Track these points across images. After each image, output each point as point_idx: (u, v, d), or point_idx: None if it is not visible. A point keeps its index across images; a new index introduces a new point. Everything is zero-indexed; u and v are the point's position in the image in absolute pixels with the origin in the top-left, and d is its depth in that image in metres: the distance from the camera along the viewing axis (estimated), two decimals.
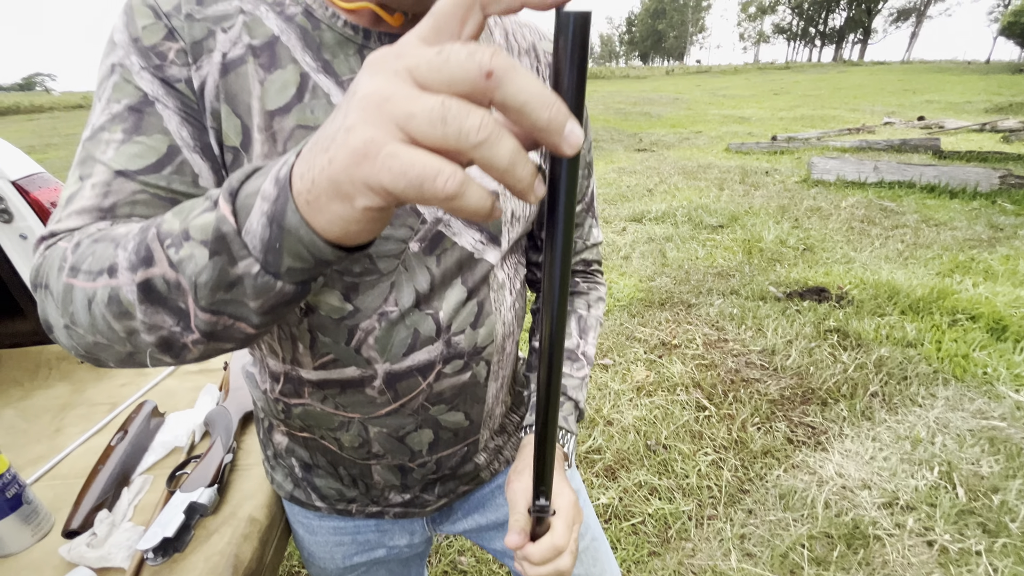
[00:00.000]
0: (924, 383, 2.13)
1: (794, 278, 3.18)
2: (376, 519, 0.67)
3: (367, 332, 0.50)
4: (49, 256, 0.37)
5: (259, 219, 0.25)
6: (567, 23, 0.20)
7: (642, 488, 1.73)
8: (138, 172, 0.40)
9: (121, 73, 0.41)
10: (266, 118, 0.43)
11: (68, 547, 0.62)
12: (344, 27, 0.45)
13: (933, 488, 1.63)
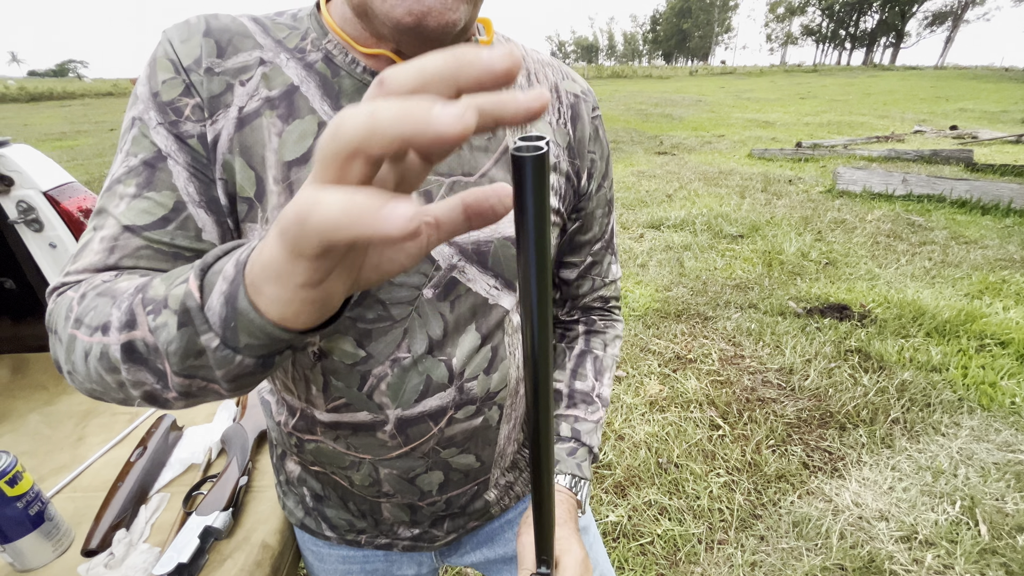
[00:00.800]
0: (948, 411, 2.07)
1: (815, 294, 3.11)
2: (385, 550, 0.68)
3: (379, 378, 0.50)
4: (58, 304, 0.39)
5: (218, 298, 0.27)
6: (523, 165, 0.20)
7: (652, 507, 1.72)
8: (144, 228, 0.42)
9: (140, 127, 0.43)
10: (283, 169, 0.44)
11: (87, 567, 0.63)
12: (363, 73, 0.46)
13: (954, 524, 1.58)
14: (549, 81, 0.56)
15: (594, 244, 0.65)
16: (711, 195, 5.34)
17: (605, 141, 0.60)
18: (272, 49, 0.45)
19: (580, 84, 0.58)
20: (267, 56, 0.45)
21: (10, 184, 1.03)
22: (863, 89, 20.37)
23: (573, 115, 0.56)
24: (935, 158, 6.57)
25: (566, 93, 0.56)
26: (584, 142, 0.56)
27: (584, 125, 0.56)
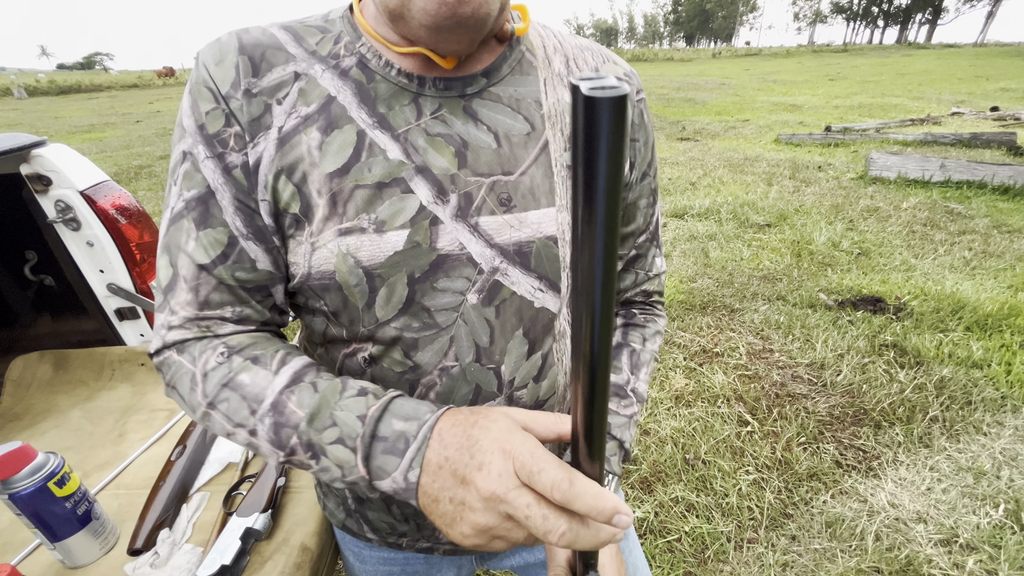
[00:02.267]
0: (990, 409, 1.99)
1: (847, 285, 3.01)
2: (426, 554, 0.67)
3: (428, 387, 0.49)
4: (176, 371, 0.46)
5: (389, 486, 0.39)
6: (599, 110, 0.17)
7: (679, 504, 1.70)
8: (211, 265, 0.45)
9: (191, 161, 0.45)
10: (325, 181, 0.44)
11: (133, 566, 0.64)
12: (398, 76, 0.45)
13: (998, 528, 1.52)
14: (589, 66, 0.53)
15: (639, 236, 0.62)
16: (736, 183, 5.20)
17: (650, 127, 0.58)
18: (305, 60, 0.45)
19: (623, 67, 0.56)
20: (301, 68, 0.45)
21: (48, 184, 1.05)
22: (897, 69, 19.53)
23: None
24: (975, 142, 6.28)
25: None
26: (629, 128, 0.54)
27: None
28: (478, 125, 0.47)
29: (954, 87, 12.98)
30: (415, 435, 0.39)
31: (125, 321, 1.17)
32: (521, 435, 0.36)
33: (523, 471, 0.33)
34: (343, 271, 0.45)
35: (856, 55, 33.14)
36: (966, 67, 18.99)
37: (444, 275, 0.46)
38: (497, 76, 0.48)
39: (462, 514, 0.35)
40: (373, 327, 0.47)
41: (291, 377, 0.44)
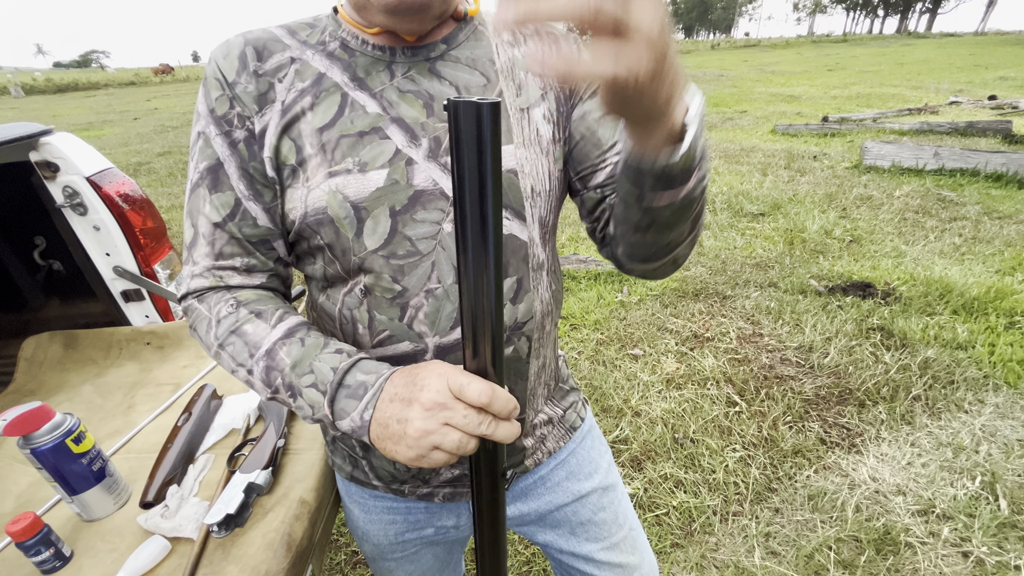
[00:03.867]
0: (972, 388, 2.04)
1: (838, 272, 3.06)
2: (427, 501, 0.72)
3: (417, 308, 0.55)
4: (197, 315, 0.56)
5: (347, 425, 0.49)
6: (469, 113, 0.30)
7: (668, 480, 1.75)
8: (222, 222, 0.55)
9: (204, 139, 0.55)
10: (316, 134, 0.53)
11: (145, 517, 0.70)
12: (373, 50, 0.55)
13: (973, 498, 1.58)
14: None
15: (612, 149, 0.60)
16: (732, 173, 5.23)
17: None
18: (298, 48, 0.55)
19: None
20: (295, 54, 0.55)
21: (56, 170, 1.10)
22: (896, 59, 19.46)
23: None
24: (970, 130, 6.29)
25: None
26: None
27: None
28: (442, 81, 0.55)
29: (953, 76, 12.94)
30: (372, 384, 0.48)
31: (131, 303, 1.23)
32: (450, 366, 0.46)
33: (455, 387, 0.44)
34: (333, 206, 0.52)
35: (856, 45, 32.96)
36: (966, 56, 18.91)
37: (421, 207, 0.53)
38: (455, 42, 0.57)
39: (406, 428, 0.45)
40: (363, 255, 0.54)
41: (285, 332, 0.53)
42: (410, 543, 0.76)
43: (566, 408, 0.76)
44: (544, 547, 0.80)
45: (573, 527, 0.77)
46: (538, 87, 0.59)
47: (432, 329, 0.56)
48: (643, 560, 0.80)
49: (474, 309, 0.38)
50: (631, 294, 3.03)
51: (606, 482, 0.79)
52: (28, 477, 0.83)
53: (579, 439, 0.78)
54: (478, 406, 0.43)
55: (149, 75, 36.34)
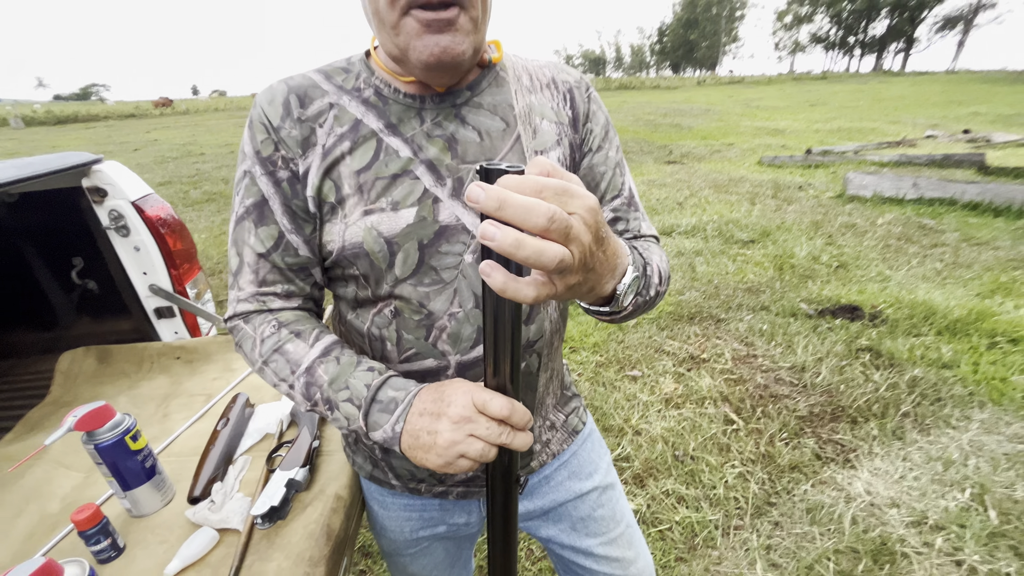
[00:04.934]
0: (959, 405, 2.12)
1: (826, 295, 3.17)
2: (440, 499, 0.78)
3: (441, 330, 0.62)
4: (243, 335, 0.63)
5: (379, 436, 0.56)
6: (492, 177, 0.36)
7: (670, 496, 1.80)
8: (267, 253, 0.62)
9: (250, 178, 0.61)
10: (354, 176, 0.59)
11: (193, 511, 0.75)
12: (405, 98, 0.61)
13: (964, 509, 1.64)
14: (547, 77, 0.68)
15: (611, 201, 0.71)
16: (721, 202, 5.42)
17: (601, 112, 0.71)
18: (335, 93, 0.61)
19: (573, 75, 0.71)
20: (333, 100, 0.61)
21: (104, 195, 1.18)
22: (873, 95, 20.33)
23: (570, 99, 0.68)
24: (947, 162, 6.58)
25: (562, 83, 0.69)
26: (580, 119, 0.68)
27: (578, 104, 0.68)
28: (465, 126, 0.62)
29: (928, 112, 13.54)
30: (402, 400, 0.55)
31: (162, 319, 1.29)
32: (473, 384, 0.53)
33: (479, 402, 0.50)
34: (369, 241, 0.59)
35: (835, 82, 34.40)
36: (939, 93, 19.80)
37: (446, 241, 0.60)
38: (479, 89, 0.63)
39: (436, 439, 0.52)
40: (393, 285, 0.61)
41: (322, 351, 0.60)
42: (424, 539, 0.82)
43: (568, 414, 0.83)
44: (547, 542, 0.86)
45: (574, 522, 0.82)
46: (553, 134, 0.66)
47: (454, 348, 0.62)
48: (639, 555, 0.86)
49: (496, 333, 0.44)
50: None
51: (605, 482, 0.85)
52: (72, 481, 0.87)
53: (580, 442, 0.84)
54: (499, 419, 0.49)
55: (149, 108, 36.99)
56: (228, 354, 1.17)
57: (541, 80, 0.68)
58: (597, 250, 0.42)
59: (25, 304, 1.42)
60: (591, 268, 0.42)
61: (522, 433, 0.51)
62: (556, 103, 0.67)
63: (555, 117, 0.66)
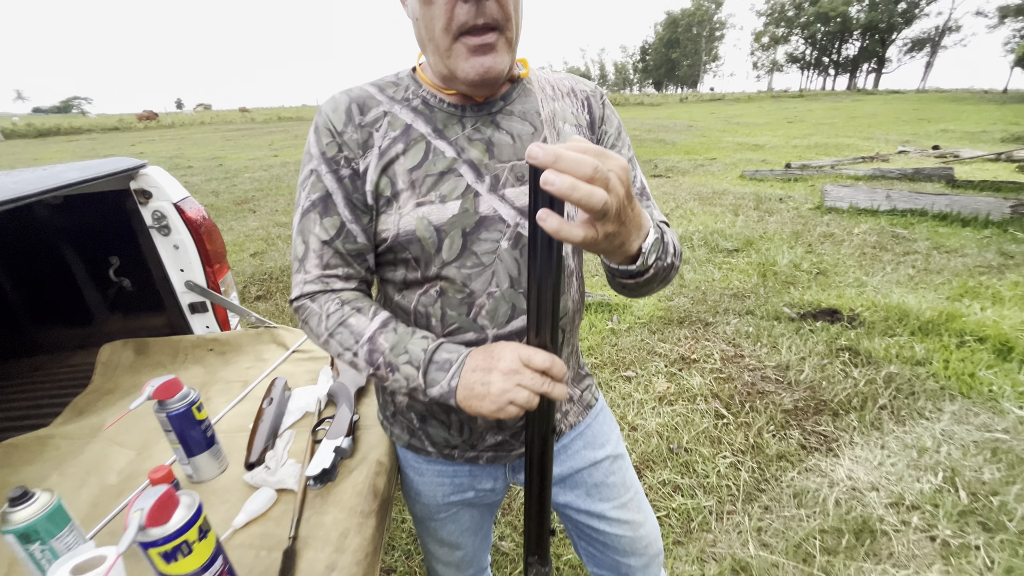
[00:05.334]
0: (931, 398, 2.27)
1: (807, 300, 3.33)
2: (471, 464, 0.87)
3: (480, 307, 0.72)
4: (310, 312, 0.72)
5: (436, 391, 0.65)
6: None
7: (666, 486, 1.90)
8: (330, 240, 0.71)
9: (316, 176, 0.70)
10: (407, 174, 0.70)
11: (251, 475, 0.83)
12: (449, 107, 0.72)
13: (937, 491, 1.76)
14: (567, 87, 0.80)
15: None
16: (706, 213, 5.62)
17: (614, 116, 0.83)
18: (388, 103, 0.72)
19: (589, 84, 0.83)
20: (387, 108, 0.71)
21: (149, 197, 1.26)
22: (848, 113, 21.11)
23: (588, 105, 0.80)
24: (918, 176, 6.90)
25: (580, 91, 0.81)
26: (596, 122, 0.80)
27: (595, 110, 0.80)
28: (500, 131, 0.72)
29: (900, 129, 14.13)
30: (455, 360, 0.65)
31: (196, 314, 1.36)
32: (519, 343, 0.63)
33: (524, 357, 0.60)
34: (420, 229, 0.69)
35: (811, 100, 35.60)
36: (910, 111, 20.65)
37: (484, 229, 0.70)
38: (510, 99, 0.74)
39: (489, 389, 0.61)
40: (440, 267, 0.70)
41: (381, 323, 0.69)
42: (453, 504, 0.91)
43: (583, 389, 0.93)
44: (564, 508, 0.95)
45: (588, 488, 0.92)
46: (574, 134, 0.77)
47: (492, 323, 0.72)
48: (647, 519, 0.95)
49: (539, 300, 0.54)
50: (620, 322, 3.23)
51: (616, 451, 0.95)
52: (126, 457, 0.95)
53: (594, 415, 0.94)
54: (542, 370, 0.59)
55: (133, 121, 36.67)
56: (258, 346, 1.25)
57: (562, 90, 0.79)
58: (627, 205, 0.50)
59: (63, 301, 1.48)
60: (623, 221, 0.51)
61: (560, 384, 0.61)
62: (575, 109, 0.79)
63: (575, 120, 0.78)
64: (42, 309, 1.50)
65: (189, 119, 41.52)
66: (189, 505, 0.55)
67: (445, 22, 0.62)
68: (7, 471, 0.90)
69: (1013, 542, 1.55)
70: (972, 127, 13.71)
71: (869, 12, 59.86)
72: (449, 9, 0.61)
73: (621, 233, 0.52)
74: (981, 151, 9.22)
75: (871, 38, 63.91)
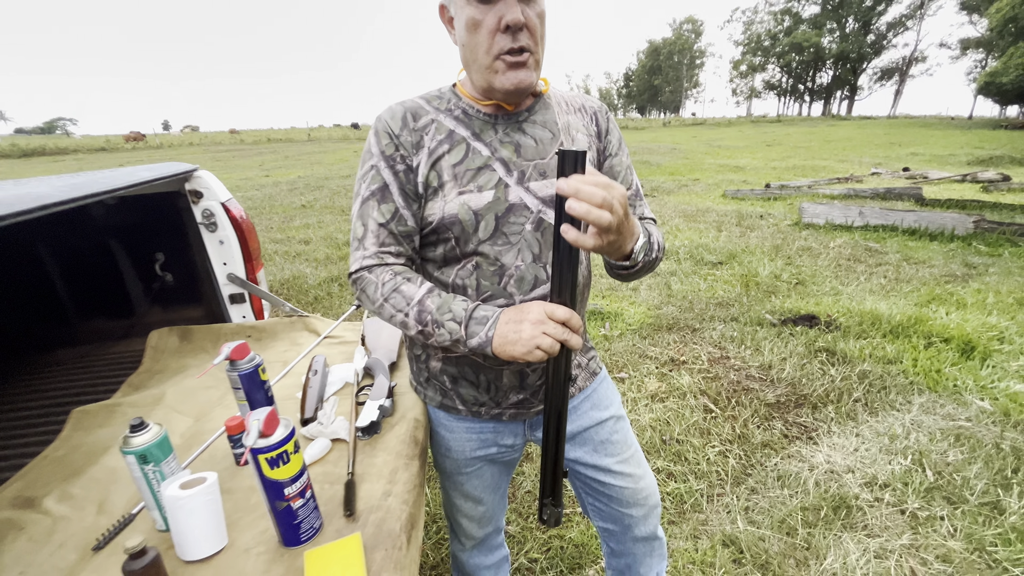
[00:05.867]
0: (901, 392, 2.45)
1: (788, 307, 3.54)
2: (495, 421, 1.01)
3: (509, 277, 0.87)
4: (367, 280, 0.86)
5: (476, 341, 0.80)
6: (569, 158, 0.64)
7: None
8: (386, 223, 0.86)
9: (376, 170, 0.86)
10: (451, 169, 0.86)
11: (307, 429, 0.96)
12: (484, 116, 0.89)
13: (907, 471, 1.92)
14: (578, 103, 0.97)
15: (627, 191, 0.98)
16: (691, 229, 5.87)
17: (616, 130, 1.00)
18: (434, 112, 0.88)
19: (596, 101, 1.00)
20: (433, 116, 0.88)
21: (200, 197, 1.40)
22: (823, 137, 21.98)
23: (595, 119, 0.97)
24: (889, 195, 7.28)
25: (589, 107, 0.98)
26: (602, 133, 0.97)
27: (600, 123, 0.97)
28: (525, 135, 0.89)
29: (872, 152, 14.79)
30: (491, 316, 0.80)
31: (234, 304, 1.48)
32: (544, 301, 0.79)
33: (548, 311, 0.74)
34: (462, 213, 0.84)
35: (788, 125, 36.95)
36: (882, 135, 21.59)
37: (513, 215, 0.86)
38: (534, 111, 0.91)
39: (520, 335, 0.75)
40: (477, 244, 0.86)
41: (427, 290, 0.84)
42: (478, 459, 1.04)
43: (589, 359, 1.08)
44: (574, 463, 1.08)
45: (596, 445, 1.06)
46: (585, 141, 0.94)
47: (519, 290, 0.87)
48: (645, 473, 1.10)
49: (561, 270, 0.71)
50: (613, 329, 3.39)
51: (618, 413, 1.09)
52: (185, 423, 1.06)
53: (599, 381, 1.09)
54: (562, 321, 0.74)
55: (120, 142, 36.57)
56: (292, 333, 1.37)
57: (574, 105, 0.96)
58: (625, 221, 0.70)
59: (108, 294, 1.59)
60: (621, 232, 0.71)
61: (576, 335, 0.76)
62: (585, 121, 0.96)
63: (585, 131, 0.95)
64: (89, 301, 1.61)
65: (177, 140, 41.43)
66: (286, 424, 0.68)
67: (488, 46, 0.79)
68: (81, 433, 1.00)
69: (974, 512, 1.71)
70: (940, 151, 14.41)
71: (840, 43, 62.87)
72: (491, 37, 0.78)
73: (619, 240, 0.72)
74: (948, 172, 9.73)
75: (843, 67, 66.89)
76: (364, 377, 1.16)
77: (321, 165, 16.48)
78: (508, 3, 0.76)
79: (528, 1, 0.78)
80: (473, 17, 0.78)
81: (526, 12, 0.78)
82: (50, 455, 0.95)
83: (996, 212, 5.94)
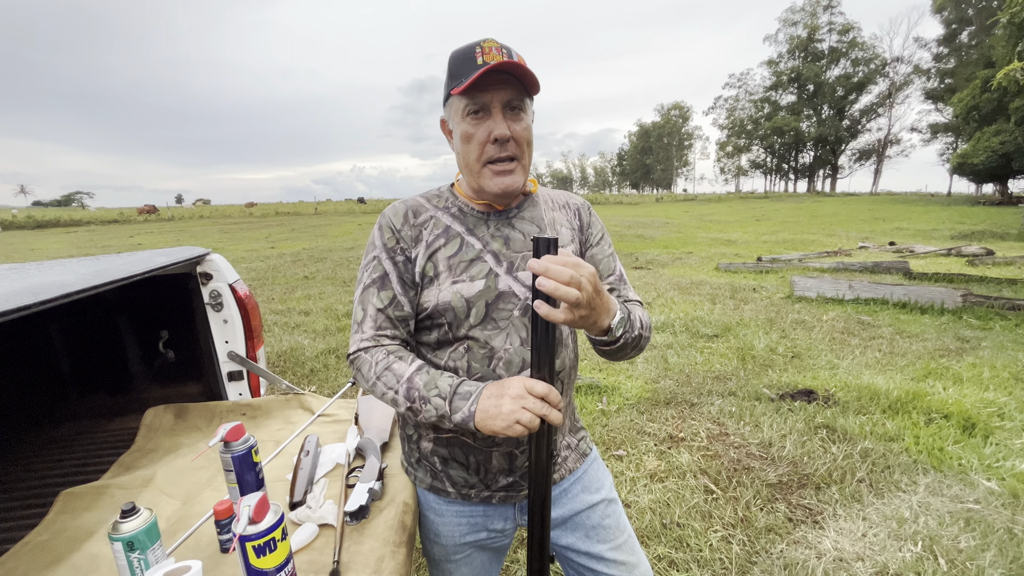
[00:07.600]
0: (906, 472, 2.39)
1: (785, 381, 3.53)
2: (485, 504, 1.00)
3: (499, 359, 0.91)
4: (364, 360, 0.90)
5: (459, 416, 0.82)
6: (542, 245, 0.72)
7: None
8: (384, 308, 0.93)
9: (377, 260, 0.94)
10: (446, 260, 0.93)
11: (295, 513, 0.95)
12: (477, 213, 0.98)
13: (918, 559, 1.84)
14: (562, 200, 1.07)
15: (607, 278, 1.05)
16: (686, 302, 5.96)
17: (598, 222, 1.09)
18: (433, 210, 0.98)
19: (579, 199, 1.10)
20: (432, 214, 0.97)
21: (209, 279, 1.47)
22: (810, 212, 22.90)
23: (578, 214, 1.06)
24: (877, 268, 7.49)
25: (572, 204, 1.07)
26: (584, 226, 1.05)
27: (583, 217, 1.06)
28: (514, 230, 0.97)
29: (859, 226, 15.35)
30: (474, 392, 0.83)
31: (232, 381, 1.50)
32: (524, 376, 0.82)
33: (528, 386, 0.77)
34: (455, 300, 0.91)
35: (776, 201, 38.60)
36: (866, 211, 22.50)
37: (502, 301, 0.92)
38: (522, 208, 1.00)
39: (500, 410, 0.77)
40: (468, 329, 0.91)
41: (416, 368, 0.88)
42: (468, 545, 1.02)
43: (579, 439, 1.09)
44: (565, 550, 1.06)
45: (587, 530, 1.04)
46: (568, 235, 1.03)
47: (508, 373, 0.91)
48: (640, 561, 1.07)
49: (540, 347, 0.76)
50: (610, 403, 3.36)
51: (610, 496, 1.09)
52: (173, 506, 1.05)
53: (589, 463, 1.10)
54: (541, 396, 0.77)
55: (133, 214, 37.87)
56: (286, 410, 1.38)
57: (559, 202, 1.06)
58: (596, 296, 0.75)
59: (109, 371, 1.61)
60: (593, 307, 0.76)
61: (556, 411, 0.78)
62: (569, 216, 1.05)
63: (569, 225, 1.04)
64: (90, 377, 1.63)
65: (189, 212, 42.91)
66: (275, 510, 0.70)
67: (478, 155, 0.89)
68: (67, 516, 0.99)
69: None
70: (923, 225, 14.97)
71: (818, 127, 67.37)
72: (481, 147, 0.89)
73: (592, 315, 0.76)
74: (933, 247, 10.05)
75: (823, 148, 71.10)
76: (356, 458, 1.17)
77: (326, 238, 17.00)
78: (496, 120, 0.88)
79: (515, 118, 0.89)
80: (467, 131, 0.89)
81: (512, 127, 0.89)
82: (32, 540, 0.94)
83: (983, 286, 6.08)
